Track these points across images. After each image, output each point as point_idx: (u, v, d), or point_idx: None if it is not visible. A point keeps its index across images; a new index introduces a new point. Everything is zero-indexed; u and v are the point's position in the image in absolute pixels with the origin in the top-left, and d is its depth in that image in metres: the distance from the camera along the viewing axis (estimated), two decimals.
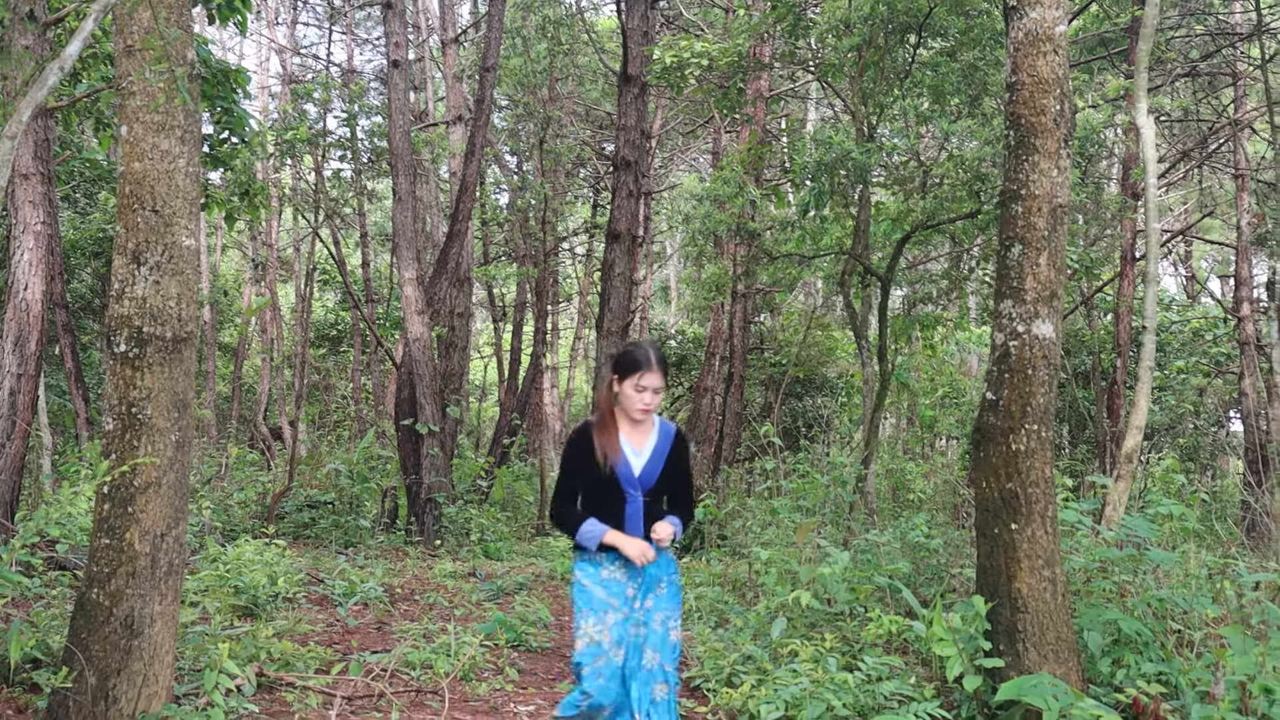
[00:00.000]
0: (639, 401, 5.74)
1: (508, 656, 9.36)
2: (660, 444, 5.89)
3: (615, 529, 5.70)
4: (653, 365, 5.74)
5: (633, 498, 5.76)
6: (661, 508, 5.91)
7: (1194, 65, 23.45)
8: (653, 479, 5.81)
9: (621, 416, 5.86)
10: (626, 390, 5.76)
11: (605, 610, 5.70)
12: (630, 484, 5.76)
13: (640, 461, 5.80)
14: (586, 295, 34.29)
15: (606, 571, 5.77)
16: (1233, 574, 8.31)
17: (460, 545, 16.06)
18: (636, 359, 5.75)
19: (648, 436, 5.89)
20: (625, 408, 5.80)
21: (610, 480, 5.73)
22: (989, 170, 14.83)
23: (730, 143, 26.02)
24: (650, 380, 5.73)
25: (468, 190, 18.02)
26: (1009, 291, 7.27)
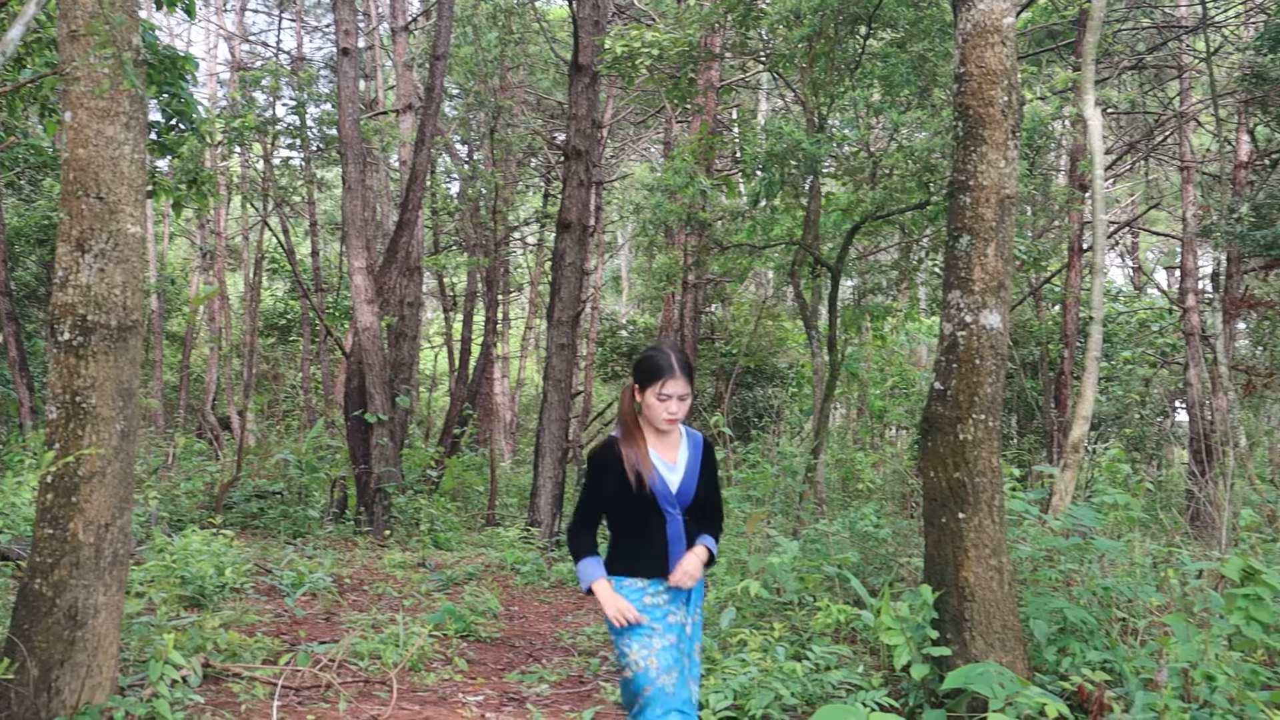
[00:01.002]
0: (663, 412, 5.22)
1: (457, 647, 9.34)
2: (692, 454, 5.41)
3: (658, 554, 5.23)
4: (675, 371, 5.21)
5: (673, 518, 5.28)
6: (695, 523, 5.39)
7: (1140, 58, 23.62)
8: (690, 494, 5.32)
9: (647, 427, 5.35)
10: (649, 400, 5.24)
11: (651, 634, 5.19)
12: (669, 502, 5.27)
13: (676, 477, 5.30)
14: (537, 285, 34.22)
15: (650, 597, 5.27)
16: (1176, 562, 8.38)
17: (410, 535, 16.02)
18: (658, 365, 5.23)
19: (678, 448, 5.40)
20: (650, 419, 5.28)
21: (647, 500, 5.22)
22: (938, 161, 14.89)
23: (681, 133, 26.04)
24: (674, 387, 5.21)
25: (418, 179, 17.94)
26: (957, 282, 7.30)
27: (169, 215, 34.82)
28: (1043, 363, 23.48)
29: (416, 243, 21.41)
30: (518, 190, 30.73)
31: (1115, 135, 28.31)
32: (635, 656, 5.17)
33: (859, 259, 24.87)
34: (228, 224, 35.14)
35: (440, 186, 29.26)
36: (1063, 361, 21.12)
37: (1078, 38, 18.89)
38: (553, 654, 9.59)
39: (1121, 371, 26.40)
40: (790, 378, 27.45)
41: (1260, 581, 6.81)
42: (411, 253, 19.82)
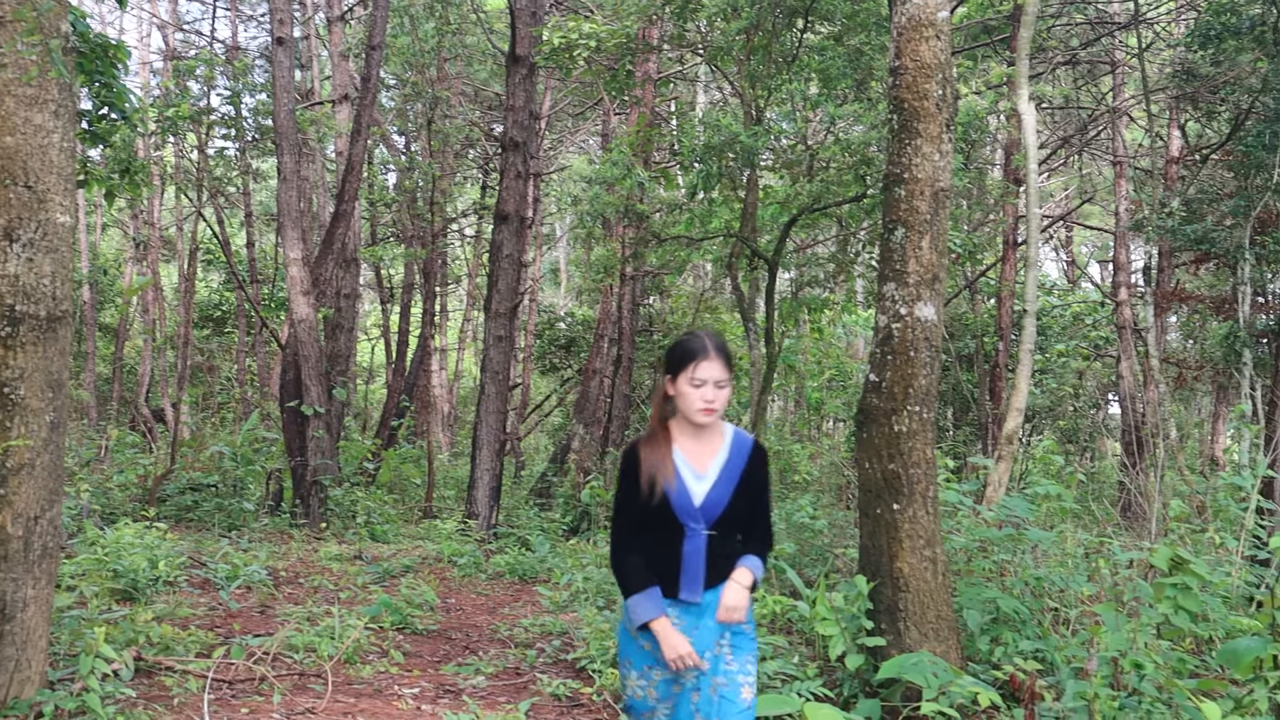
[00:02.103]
0: (699, 400, 4.63)
1: (393, 639, 9.30)
2: (732, 462, 4.75)
3: (670, 572, 4.63)
4: (710, 352, 4.65)
5: (692, 532, 4.64)
6: (733, 543, 4.74)
7: (1074, 53, 23.85)
8: (719, 508, 4.67)
9: (681, 429, 4.76)
10: (682, 389, 4.66)
11: (652, 664, 4.67)
12: (689, 514, 4.64)
13: (703, 486, 4.68)
14: (475, 277, 34.13)
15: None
16: (1107, 553, 8.48)
17: (346, 528, 15.93)
18: (690, 348, 4.68)
19: (715, 453, 4.76)
20: (685, 412, 4.68)
21: (661, 510, 4.64)
22: (875, 154, 14.97)
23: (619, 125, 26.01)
24: (709, 370, 4.63)
25: (354, 170, 17.83)
26: (892, 274, 7.35)
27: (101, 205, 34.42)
28: (978, 355, 23.68)
29: (353, 234, 21.28)
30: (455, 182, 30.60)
31: (1049, 130, 28.56)
32: (633, 685, 4.74)
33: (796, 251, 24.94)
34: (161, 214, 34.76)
35: (377, 177, 29.11)
36: (997, 354, 21.29)
37: (1012, 33, 19.04)
38: (489, 646, 9.57)
39: (1055, 364, 26.66)
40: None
41: (1188, 571, 6.90)
42: (348, 244, 19.70)
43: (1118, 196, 23.41)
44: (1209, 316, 24.01)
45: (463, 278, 37.69)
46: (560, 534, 16.37)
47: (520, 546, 15.26)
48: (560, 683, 8.00)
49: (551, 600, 10.98)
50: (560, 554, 14.40)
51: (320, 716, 7.04)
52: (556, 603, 10.93)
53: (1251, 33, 17.32)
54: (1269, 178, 17.53)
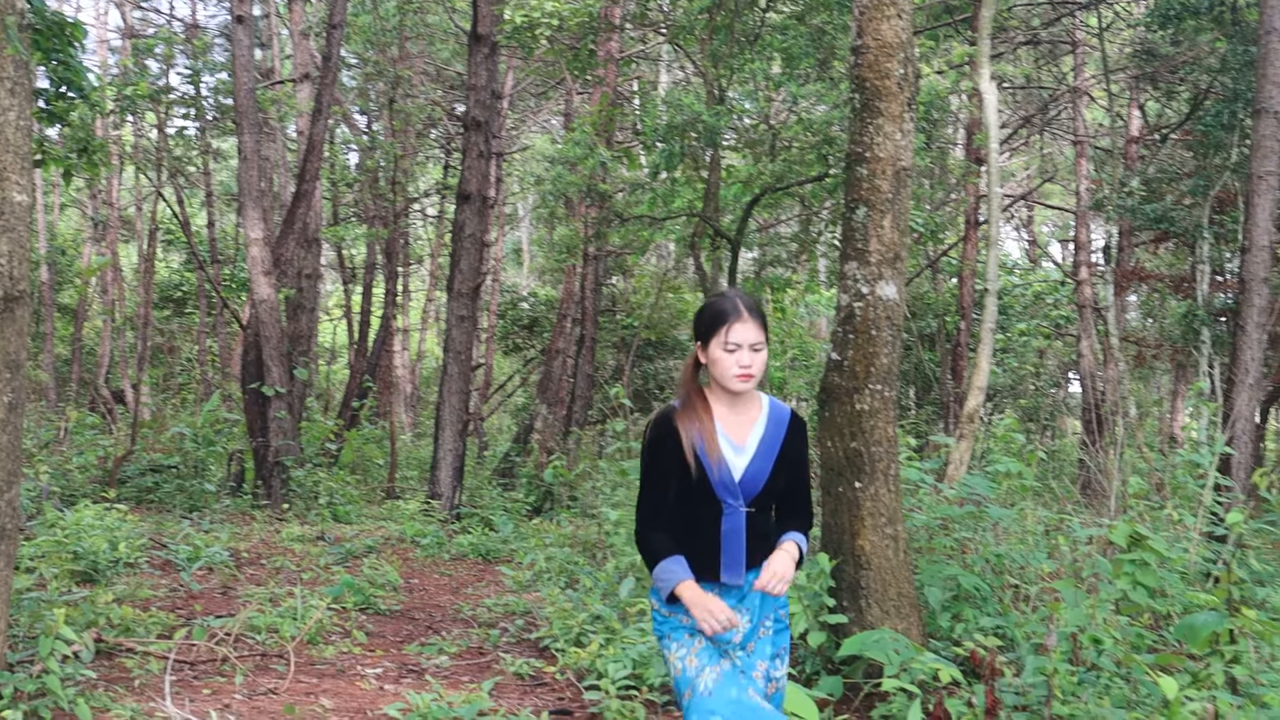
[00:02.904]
0: (734, 366, 4.24)
1: (356, 619, 9.29)
2: (771, 433, 4.40)
3: (709, 552, 4.29)
4: (743, 313, 4.26)
5: (731, 509, 4.29)
6: (770, 521, 4.43)
7: (1035, 33, 23.92)
8: (760, 483, 4.33)
9: (714, 399, 4.39)
10: (715, 354, 4.28)
11: (693, 633, 4.29)
12: (729, 491, 4.29)
13: (743, 460, 4.33)
14: (438, 257, 34.01)
15: None
16: (1067, 530, 8.54)
17: (308, 509, 15.89)
18: (721, 309, 4.31)
19: (753, 424, 4.41)
20: (720, 379, 4.30)
21: (700, 487, 4.27)
22: (837, 134, 15.00)
23: (582, 105, 25.97)
24: (743, 332, 4.24)
25: (315, 149, 17.75)
26: (854, 253, 7.37)
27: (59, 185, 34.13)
28: (940, 334, 23.78)
29: (314, 214, 21.19)
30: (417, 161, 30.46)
31: (1011, 109, 28.66)
32: (674, 657, 4.30)
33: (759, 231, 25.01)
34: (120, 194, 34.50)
35: (339, 157, 28.96)
36: (959, 333, 21.40)
37: (974, 12, 19.08)
38: (452, 626, 9.58)
39: (1017, 343, 26.81)
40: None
41: (1146, 547, 6.96)
42: (309, 224, 19.62)
43: (1078, 176, 23.54)
44: (1168, 295, 24.19)
45: (425, 258, 37.58)
46: (523, 514, 16.38)
47: (483, 526, 15.26)
48: (523, 662, 8.01)
49: (515, 580, 10.99)
50: (523, 534, 14.41)
51: (283, 697, 7.03)
52: (520, 582, 10.94)
53: (1210, 13, 17.42)
54: (1227, 157, 17.66)
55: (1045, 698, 5.88)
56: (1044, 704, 5.85)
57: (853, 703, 6.87)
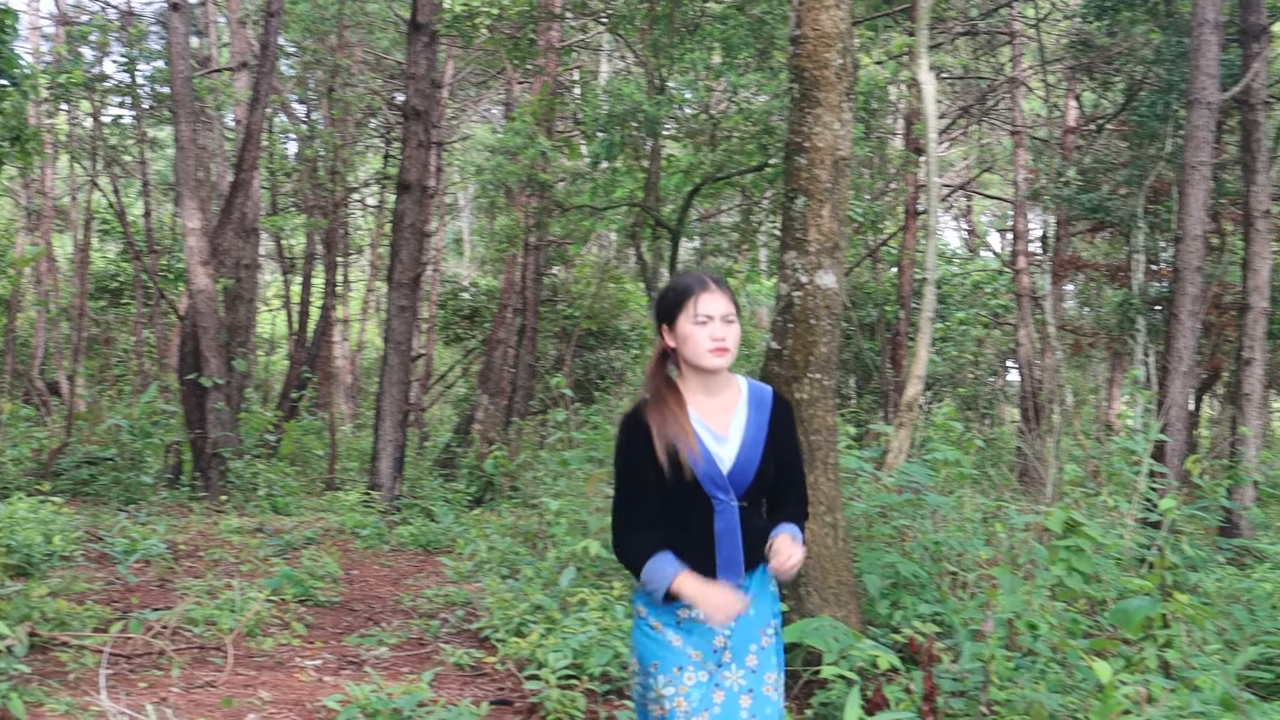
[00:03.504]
0: (706, 340, 3.89)
1: (295, 611, 9.25)
2: (754, 418, 4.02)
3: (702, 554, 3.91)
4: (709, 284, 3.95)
5: (723, 505, 3.92)
6: (763, 514, 4.07)
7: (973, 24, 24.06)
8: (750, 473, 3.96)
9: (688, 386, 4.00)
10: (684, 330, 3.92)
11: (682, 664, 3.89)
12: (718, 485, 3.91)
13: (729, 450, 3.95)
14: (378, 247, 33.83)
15: (687, 610, 3.92)
16: (1004, 517, 8.61)
17: (247, 500, 15.79)
18: (684, 284, 3.98)
19: (734, 409, 4.03)
20: (692, 358, 3.93)
21: (685, 485, 3.88)
22: (777, 124, 15.04)
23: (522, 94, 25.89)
24: (713, 303, 3.91)
25: (253, 139, 17.61)
26: (793, 243, 7.39)
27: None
28: (879, 324, 23.91)
29: (253, 204, 21.03)
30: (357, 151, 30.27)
31: (949, 99, 28.82)
32: (660, 692, 3.89)
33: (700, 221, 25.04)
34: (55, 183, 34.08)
35: (277, 146, 28.75)
36: (899, 322, 21.51)
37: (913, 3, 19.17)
38: (392, 617, 9.55)
39: (956, 332, 26.97)
40: (633, 339, 27.55)
41: (1081, 534, 7.03)
42: (247, 214, 19.47)
43: (1016, 166, 23.70)
44: (1104, 284, 24.41)
45: (365, 248, 37.35)
46: (464, 504, 16.34)
47: (424, 517, 15.21)
48: (464, 652, 8.01)
49: (455, 570, 10.96)
50: (464, 524, 14.37)
51: (221, 689, 7.00)
52: (460, 573, 10.91)
53: (1144, 4, 17.59)
54: (1162, 147, 17.84)
55: (982, 683, 5.94)
56: (981, 689, 5.90)
57: (792, 690, 6.90)
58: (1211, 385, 20.47)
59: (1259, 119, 14.12)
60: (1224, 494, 10.55)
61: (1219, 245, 19.47)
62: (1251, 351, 13.49)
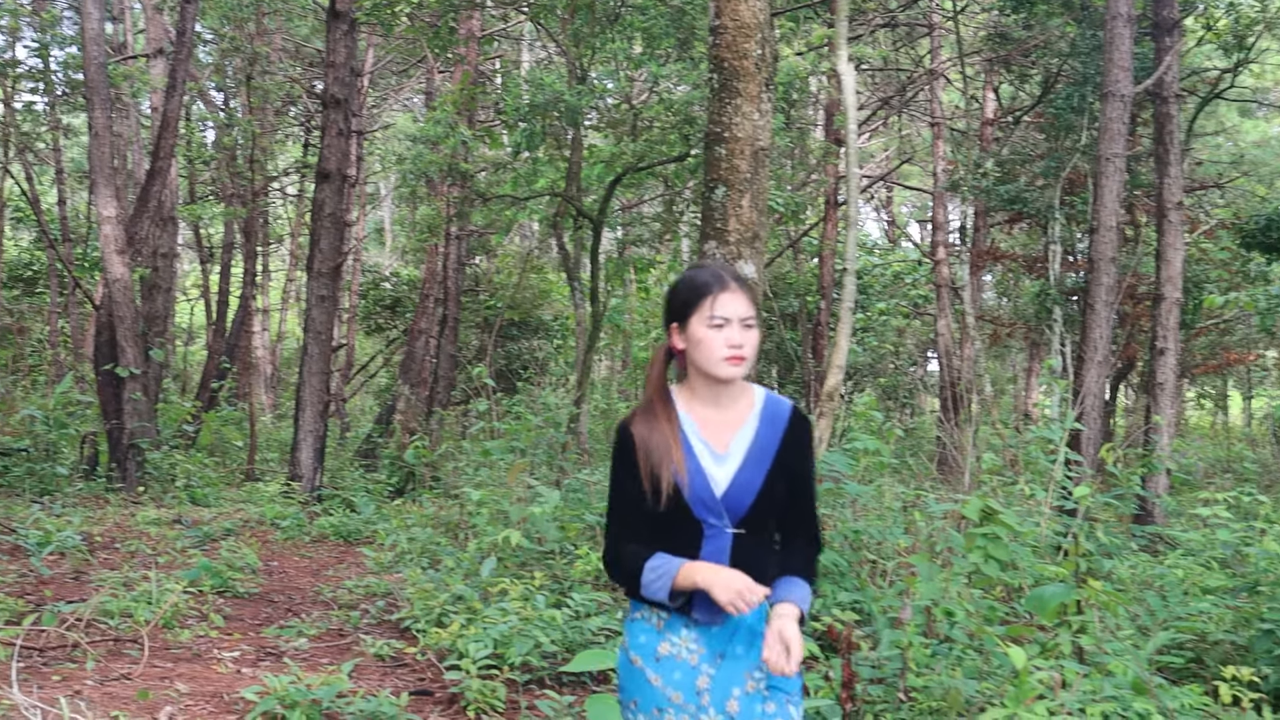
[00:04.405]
0: (722, 346, 3.43)
1: (213, 603, 9.15)
2: (764, 435, 3.56)
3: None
4: (729, 282, 3.48)
5: (714, 531, 3.50)
6: (768, 545, 3.60)
7: (893, 16, 24.23)
8: (749, 497, 3.51)
9: (694, 394, 3.58)
10: (697, 334, 3.46)
11: (662, 707, 3.49)
12: (708, 508, 3.49)
13: (725, 470, 3.52)
14: (298, 236, 33.57)
15: (668, 644, 3.53)
16: (923, 505, 8.69)
17: (165, 491, 15.61)
18: (701, 280, 3.51)
19: (741, 425, 3.58)
20: (704, 366, 3.49)
21: (670, 505, 3.48)
22: (698, 114, 15.08)
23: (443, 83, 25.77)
24: (731, 304, 3.45)
25: (170, 126, 17.41)
26: (713, 232, 7.41)
27: None
28: (801, 314, 24.02)
29: (170, 192, 20.79)
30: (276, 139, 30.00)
31: (869, 91, 29.00)
32: None
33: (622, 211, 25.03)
34: None
35: (195, 134, 28.43)
36: (820, 313, 21.65)
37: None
38: (312, 608, 9.49)
39: (876, 322, 27.18)
40: (555, 329, 27.56)
41: (998, 521, 7.11)
42: (165, 202, 19.25)
43: (935, 157, 23.91)
44: (1022, 275, 24.72)
45: (285, 237, 37.05)
46: (385, 495, 16.28)
47: (345, 508, 15.14)
48: (384, 643, 7.97)
49: (376, 561, 10.91)
50: (385, 515, 14.32)
51: (136, 682, 6.92)
52: (381, 564, 10.86)
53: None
54: (1077, 139, 18.07)
55: (900, 670, 5.99)
56: (899, 676, 5.94)
57: None
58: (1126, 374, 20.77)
59: (1171, 111, 14.35)
60: (1138, 482, 10.71)
61: (1133, 236, 19.77)
62: (1165, 341, 13.71)
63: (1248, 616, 7.02)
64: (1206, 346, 22.65)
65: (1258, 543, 7.46)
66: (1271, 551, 7.17)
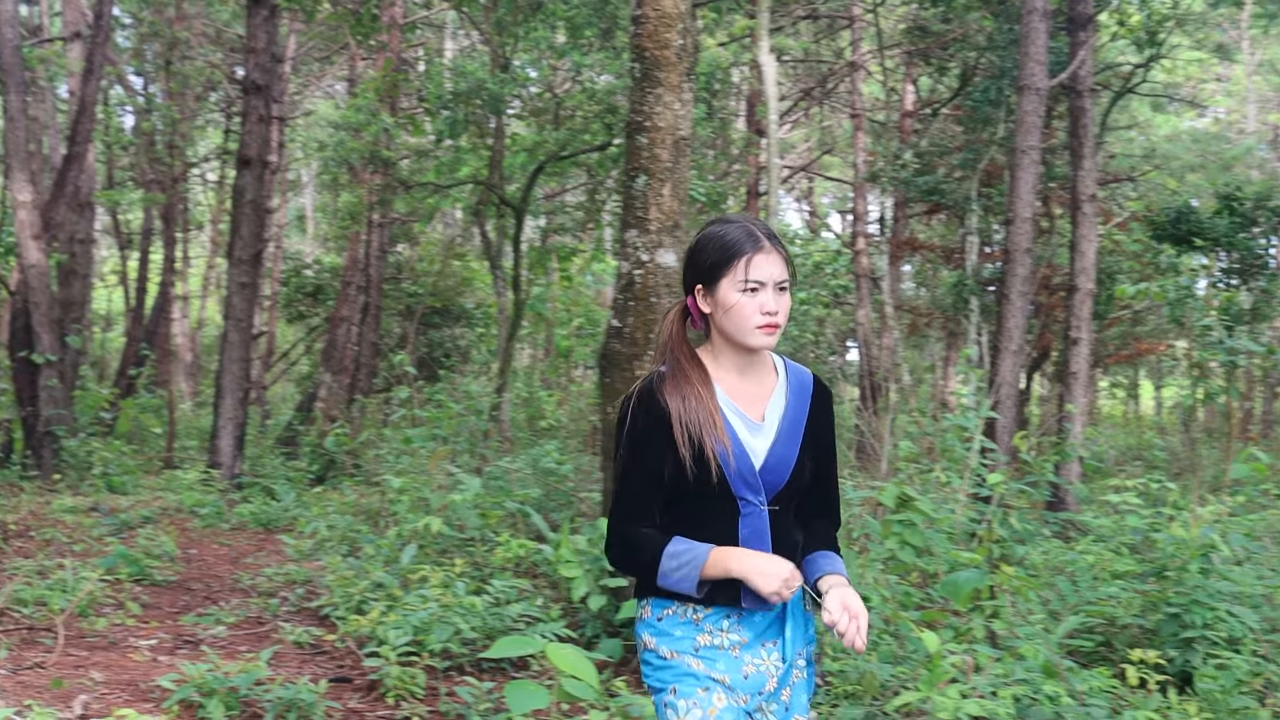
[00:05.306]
0: (756, 314, 3.16)
1: (130, 591, 9.10)
2: (794, 406, 3.32)
3: None
4: (764, 242, 3.18)
5: (751, 509, 3.22)
6: (792, 520, 3.33)
7: (814, 8, 24.37)
8: (785, 472, 3.25)
9: (718, 363, 3.29)
10: (728, 298, 3.17)
11: (708, 686, 3.17)
12: (747, 485, 3.21)
13: (763, 442, 3.24)
14: (219, 223, 33.27)
15: (707, 635, 3.22)
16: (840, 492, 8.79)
17: (81, 479, 15.46)
18: (733, 239, 3.19)
19: (771, 395, 3.32)
20: (733, 333, 3.21)
21: (708, 482, 3.17)
22: (620, 103, 15.13)
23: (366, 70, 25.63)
24: (767, 267, 3.16)
25: (87, 111, 17.22)
26: (634, 221, 7.47)
27: None
28: None
29: (88, 177, 20.56)
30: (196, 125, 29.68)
31: (791, 82, 29.15)
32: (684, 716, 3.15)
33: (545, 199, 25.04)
34: None
35: (113, 119, 28.09)
36: None
37: None
38: (231, 596, 9.46)
39: (797, 312, 27.32)
40: (477, 317, 27.50)
41: (914, 508, 7.22)
42: (82, 187, 19.04)
43: (856, 148, 24.09)
44: (940, 265, 24.98)
45: (205, 224, 36.69)
46: (306, 482, 16.21)
47: (265, 495, 15.07)
48: (303, 630, 7.98)
49: (296, 549, 10.88)
50: (306, 502, 14.27)
51: (50, 670, 6.88)
52: (301, 551, 10.84)
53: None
54: (994, 132, 18.29)
55: (817, 654, 6.08)
56: (815, 660, 6.03)
57: (632, 663, 7.01)
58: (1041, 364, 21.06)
59: (1086, 105, 14.57)
60: (1051, 469, 10.89)
61: (1048, 228, 20.02)
62: (1078, 331, 13.93)
63: (1155, 601, 7.18)
64: (1119, 337, 23.01)
65: (1165, 529, 7.61)
66: (1178, 537, 7.32)
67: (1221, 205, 17.28)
